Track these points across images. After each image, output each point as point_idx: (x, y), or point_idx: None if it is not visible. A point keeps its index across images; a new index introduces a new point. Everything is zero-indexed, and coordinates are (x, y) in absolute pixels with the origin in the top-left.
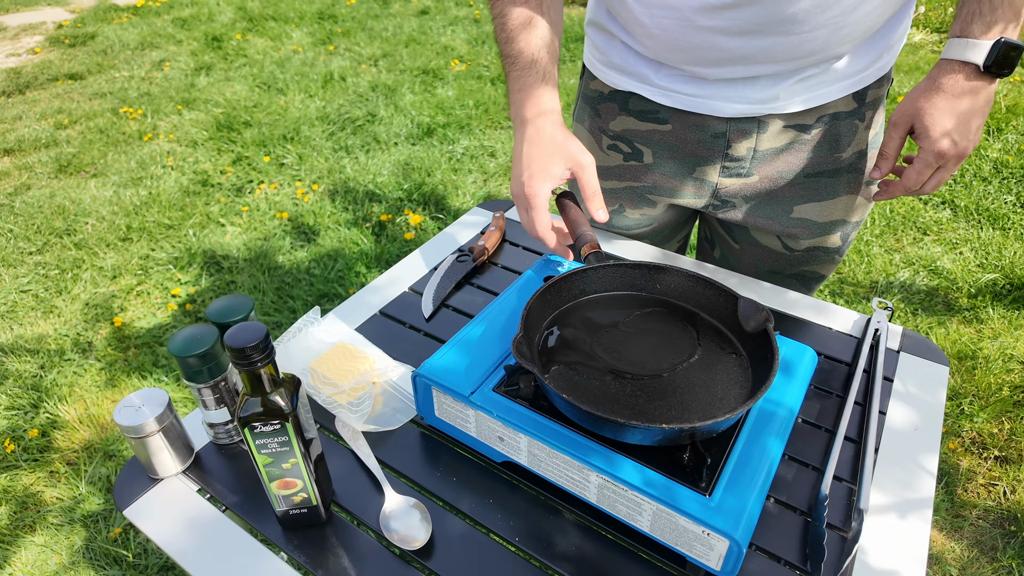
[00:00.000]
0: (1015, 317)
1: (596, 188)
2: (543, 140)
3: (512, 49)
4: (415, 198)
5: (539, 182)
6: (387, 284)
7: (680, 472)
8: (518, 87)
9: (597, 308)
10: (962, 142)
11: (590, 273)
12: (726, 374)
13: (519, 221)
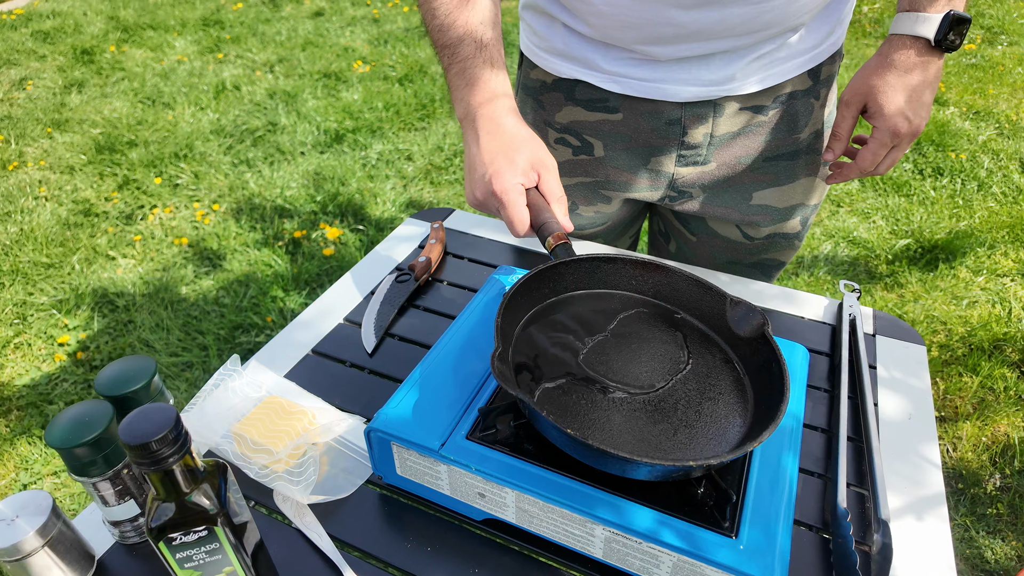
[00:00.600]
0: (931, 279)
1: (561, 192)
2: (503, 133)
3: (450, 37)
4: (330, 210)
5: (508, 176)
6: (317, 317)
7: (698, 512)
8: (463, 82)
9: (572, 312)
10: (916, 119)
11: (560, 270)
12: (725, 386)
13: (461, 231)
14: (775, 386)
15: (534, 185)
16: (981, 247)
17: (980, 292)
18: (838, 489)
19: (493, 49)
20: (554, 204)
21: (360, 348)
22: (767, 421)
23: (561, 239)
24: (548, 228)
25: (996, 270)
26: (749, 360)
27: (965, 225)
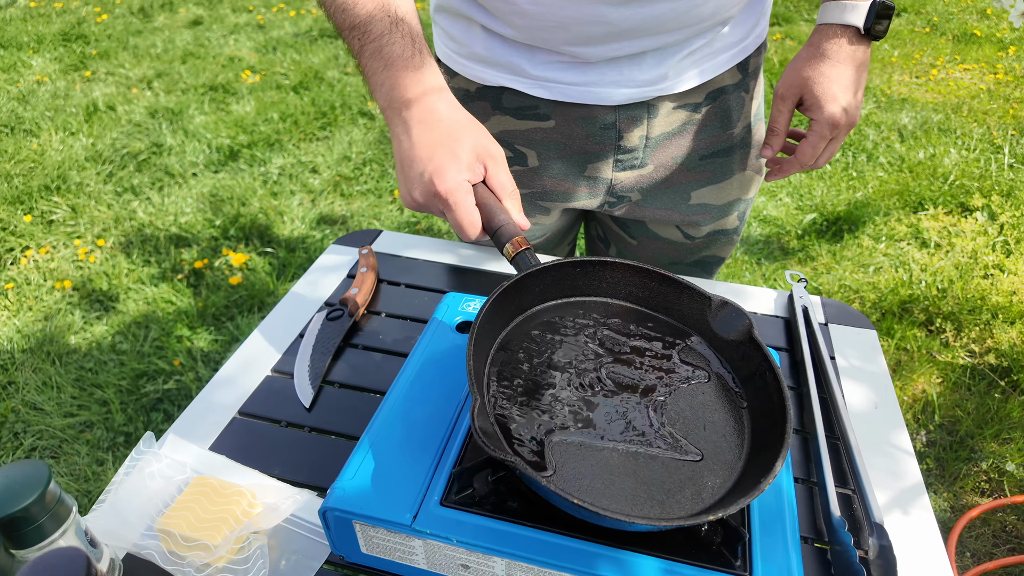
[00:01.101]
0: (838, 250)
1: (513, 186)
2: (442, 121)
3: (357, 15)
4: (232, 234)
5: (451, 173)
6: (239, 371)
7: (707, 554)
8: (380, 64)
9: (545, 332)
10: (852, 109)
11: (525, 283)
12: (715, 400)
13: (393, 254)
14: (772, 400)
15: (481, 180)
16: (878, 215)
17: (883, 258)
18: (829, 497)
19: (412, 24)
20: (506, 200)
21: (295, 403)
22: (771, 444)
23: (521, 246)
24: (505, 233)
25: (893, 236)
26: (739, 366)
27: (861, 196)
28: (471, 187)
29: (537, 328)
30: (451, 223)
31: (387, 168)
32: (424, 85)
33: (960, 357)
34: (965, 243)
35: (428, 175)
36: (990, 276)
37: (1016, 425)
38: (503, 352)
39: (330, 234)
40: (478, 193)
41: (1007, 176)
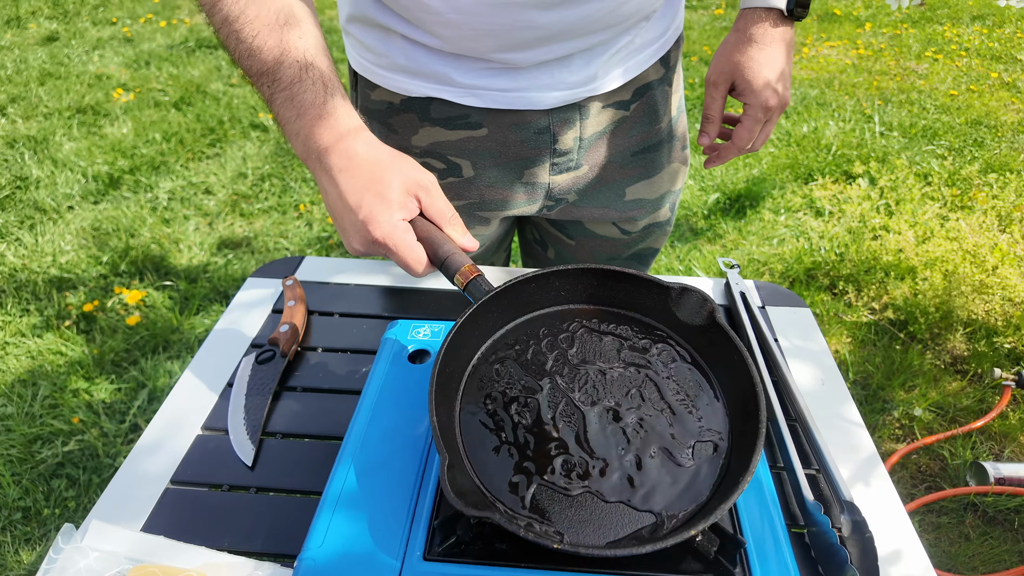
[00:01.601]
0: (743, 225)
1: (452, 211)
2: (362, 165)
3: (264, 61)
4: (124, 270)
5: (384, 216)
6: (164, 434)
7: (707, 567)
8: (293, 112)
9: (507, 360)
10: (783, 91)
11: (483, 310)
12: (692, 392)
13: (320, 281)
14: (743, 384)
15: (417, 213)
16: (774, 189)
17: (784, 230)
18: (800, 481)
19: (322, 67)
20: (447, 227)
21: (235, 462)
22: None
23: (472, 274)
24: (453, 264)
25: (790, 207)
26: (708, 352)
27: (757, 172)
28: (408, 225)
29: (501, 357)
30: (397, 263)
31: (288, 182)
32: (339, 129)
33: (863, 316)
34: (853, 208)
35: (361, 223)
36: (878, 237)
37: (918, 373)
38: (470, 393)
39: (234, 258)
40: (418, 227)
41: (880, 143)
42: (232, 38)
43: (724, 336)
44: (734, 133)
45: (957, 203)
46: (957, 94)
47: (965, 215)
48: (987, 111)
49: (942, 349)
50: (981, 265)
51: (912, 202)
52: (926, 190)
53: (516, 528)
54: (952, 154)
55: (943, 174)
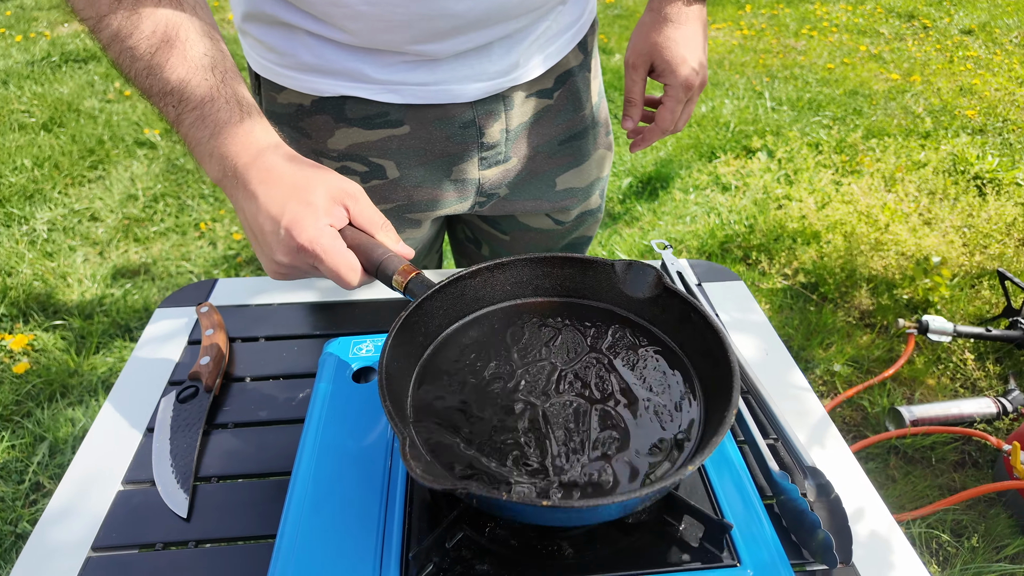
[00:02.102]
0: (656, 207)
1: (382, 218)
2: (284, 176)
3: (166, 81)
4: (3, 312)
5: (309, 221)
6: (79, 494)
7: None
8: (206, 133)
9: (461, 355)
10: (702, 68)
11: (426, 308)
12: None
13: (238, 304)
14: (707, 338)
15: (346, 223)
16: (682, 169)
17: (695, 207)
18: (763, 453)
19: (234, 82)
20: (379, 234)
21: (168, 515)
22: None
23: (411, 272)
24: (389, 265)
25: (698, 185)
26: (663, 319)
27: (664, 154)
28: (336, 232)
29: (453, 355)
30: (327, 275)
31: (184, 200)
32: (258, 145)
33: (777, 282)
34: (756, 181)
35: (284, 230)
36: (782, 206)
37: (832, 330)
38: (422, 390)
39: (132, 288)
40: (347, 237)
41: (773, 117)
42: (125, 56)
43: (676, 299)
44: (657, 115)
45: (847, 168)
46: (833, 67)
47: (855, 179)
48: (861, 81)
49: (851, 306)
50: (875, 224)
51: (808, 171)
52: (819, 158)
53: (499, 493)
54: (836, 123)
55: (831, 142)
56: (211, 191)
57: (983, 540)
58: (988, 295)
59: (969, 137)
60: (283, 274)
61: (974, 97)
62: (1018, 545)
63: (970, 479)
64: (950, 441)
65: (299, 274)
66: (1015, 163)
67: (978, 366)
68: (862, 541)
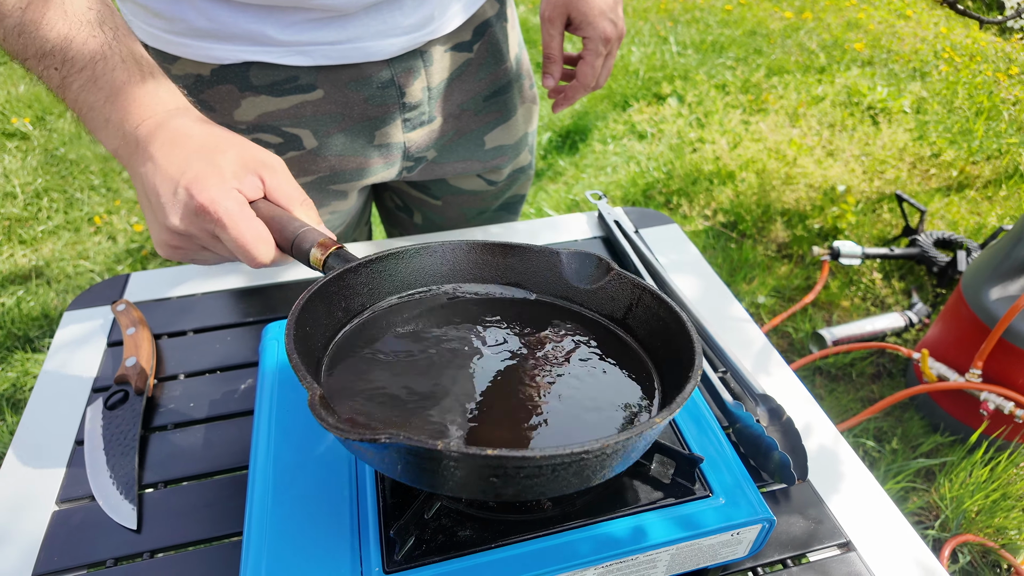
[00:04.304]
0: (578, 160)
1: (303, 194)
2: (191, 137)
3: (43, 40)
4: None
5: (213, 181)
6: (6, 521)
7: (668, 491)
8: (101, 96)
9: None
10: (619, 20)
11: (348, 281)
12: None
13: (158, 298)
14: (660, 315)
15: (260, 195)
16: (599, 120)
17: (615, 158)
18: (715, 386)
19: (127, 38)
20: (298, 210)
21: (115, 529)
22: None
23: (331, 246)
24: (306, 238)
25: (615, 136)
26: (613, 308)
27: (580, 107)
28: (243, 198)
29: (376, 336)
30: (231, 247)
31: (72, 194)
32: (164, 108)
33: (699, 224)
34: (670, 127)
35: (183, 189)
36: (697, 150)
37: (754, 265)
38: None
39: (26, 294)
40: (259, 209)
41: (679, 62)
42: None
43: (625, 281)
44: (577, 71)
45: (754, 107)
46: (732, 8)
47: (762, 117)
48: (758, 21)
49: (768, 240)
50: (784, 160)
51: (718, 112)
52: (727, 99)
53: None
54: (739, 64)
55: (737, 83)
56: (101, 181)
57: (901, 442)
58: (889, 217)
59: (860, 69)
60: (175, 246)
61: (860, 31)
62: (931, 442)
63: (886, 388)
64: (867, 356)
65: (194, 248)
66: (901, 92)
67: (885, 284)
68: (813, 456)
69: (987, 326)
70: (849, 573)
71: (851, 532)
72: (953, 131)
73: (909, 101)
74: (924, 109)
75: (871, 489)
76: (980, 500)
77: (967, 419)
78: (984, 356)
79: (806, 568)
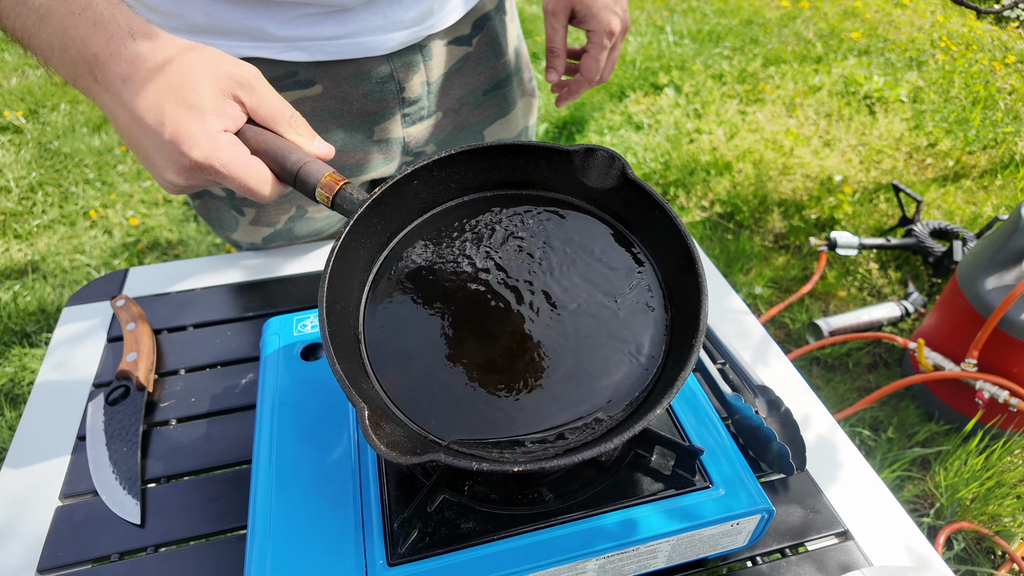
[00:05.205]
0: None
1: (289, 109)
2: (152, 69)
3: None
4: None
5: (198, 131)
6: (11, 517)
7: (668, 483)
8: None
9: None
10: (623, 12)
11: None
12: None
13: (157, 293)
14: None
15: (244, 121)
16: (595, 111)
17: (613, 147)
18: (714, 378)
19: None
20: (288, 132)
21: (119, 524)
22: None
23: (338, 182)
24: (310, 174)
25: (612, 126)
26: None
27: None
28: (234, 137)
29: (399, 276)
30: (235, 189)
31: (67, 187)
32: (126, 34)
33: (695, 215)
34: (667, 117)
35: (170, 145)
36: (694, 140)
37: (751, 255)
38: (374, 328)
39: (22, 289)
40: (249, 139)
41: (676, 52)
42: None
43: (640, 193)
44: (581, 64)
45: (750, 97)
46: None
47: (759, 107)
48: (754, 10)
49: (765, 230)
50: (780, 150)
51: (714, 103)
52: (723, 89)
53: (467, 463)
54: (736, 53)
55: (733, 72)
56: (96, 175)
57: (897, 431)
58: (885, 207)
59: (856, 59)
60: (183, 189)
61: (857, 20)
62: (927, 431)
63: (882, 378)
64: (863, 346)
65: (200, 188)
66: (898, 81)
67: (881, 274)
68: (811, 446)
69: (982, 316)
70: (846, 561)
71: (848, 521)
72: (949, 120)
73: (906, 90)
74: (920, 98)
75: (868, 478)
76: (975, 488)
77: (962, 408)
78: (979, 345)
79: (804, 557)
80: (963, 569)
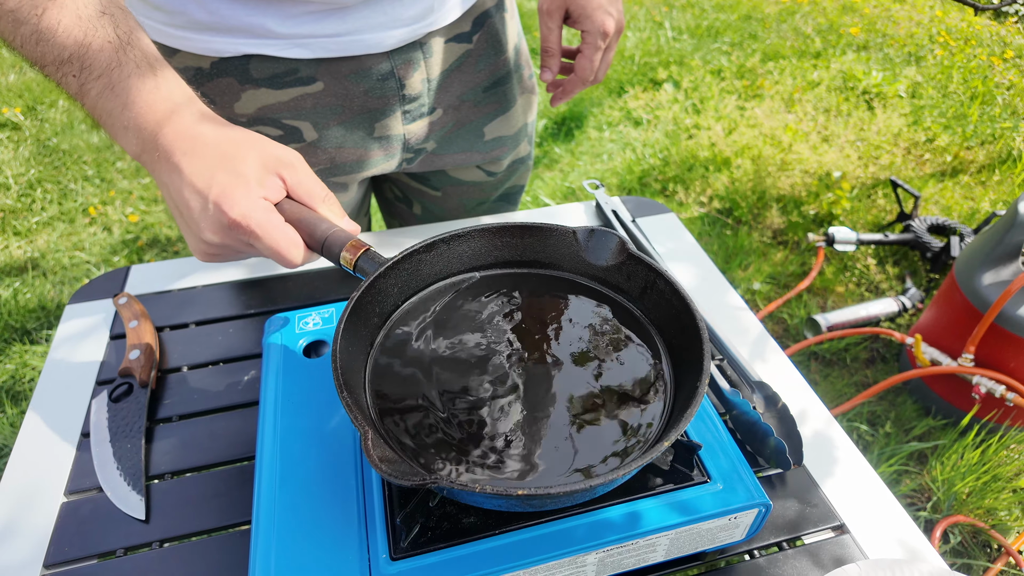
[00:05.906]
0: (573, 147)
1: (325, 190)
2: (208, 144)
3: (61, 47)
4: None
5: (241, 193)
6: (15, 513)
7: (667, 477)
8: (119, 103)
9: (417, 335)
10: (618, 13)
11: (379, 287)
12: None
13: (159, 291)
14: (673, 304)
15: (283, 195)
16: (594, 107)
17: (611, 144)
18: (712, 375)
19: (143, 44)
20: (321, 207)
21: (124, 520)
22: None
23: (361, 248)
24: (336, 240)
25: (611, 122)
26: (628, 287)
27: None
28: (271, 205)
29: (411, 332)
30: (266, 253)
31: (66, 184)
32: (171, 106)
33: (694, 211)
34: (666, 113)
35: (213, 204)
36: (693, 136)
37: (749, 251)
38: (381, 374)
39: (22, 286)
40: (285, 210)
41: (675, 47)
42: (6, 20)
43: (641, 264)
44: (576, 64)
45: (749, 93)
46: None
47: (758, 103)
48: (753, 6)
49: (764, 226)
50: (779, 145)
51: (713, 98)
52: (722, 85)
53: (472, 486)
54: (734, 49)
55: (732, 68)
56: (95, 172)
57: (895, 425)
58: (883, 203)
59: (855, 54)
60: (214, 255)
61: (856, 15)
62: (924, 425)
63: (880, 373)
64: (861, 341)
65: (232, 254)
66: (896, 77)
67: (879, 270)
68: (807, 441)
69: (979, 311)
70: (842, 555)
71: (845, 515)
72: (947, 116)
73: (904, 86)
74: (919, 94)
75: (864, 473)
76: (971, 482)
77: (959, 403)
78: (976, 341)
79: (801, 550)
80: (959, 562)
